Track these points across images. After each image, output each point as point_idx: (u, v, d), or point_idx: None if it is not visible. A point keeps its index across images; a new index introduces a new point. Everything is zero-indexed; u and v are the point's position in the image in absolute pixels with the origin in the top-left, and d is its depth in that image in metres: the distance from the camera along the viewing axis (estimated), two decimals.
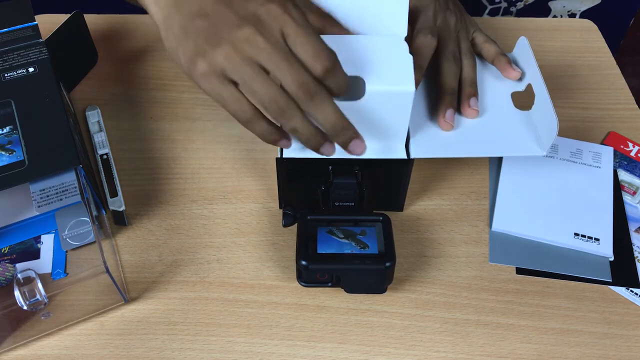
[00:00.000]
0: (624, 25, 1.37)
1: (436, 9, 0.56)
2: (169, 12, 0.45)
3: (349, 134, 0.46)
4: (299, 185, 0.53)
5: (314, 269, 0.47)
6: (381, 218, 0.49)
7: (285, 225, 0.51)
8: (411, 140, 0.51)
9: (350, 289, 0.49)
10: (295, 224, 0.51)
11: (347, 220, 0.49)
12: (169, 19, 0.45)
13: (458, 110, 0.54)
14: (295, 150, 0.49)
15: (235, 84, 0.44)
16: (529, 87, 0.54)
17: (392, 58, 0.48)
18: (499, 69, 0.56)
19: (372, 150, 0.50)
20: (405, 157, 0.50)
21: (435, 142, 0.51)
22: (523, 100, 0.55)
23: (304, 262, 0.46)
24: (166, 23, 0.45)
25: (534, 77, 0.53)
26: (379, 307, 0.50)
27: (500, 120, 0.53)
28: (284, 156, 0.49)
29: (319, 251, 0.47)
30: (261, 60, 0.43)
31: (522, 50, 0.56)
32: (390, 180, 0.52)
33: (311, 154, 0.49)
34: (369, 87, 0.46)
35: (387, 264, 0.46)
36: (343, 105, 0.46)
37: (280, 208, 0.56)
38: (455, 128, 0.53)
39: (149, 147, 0.61)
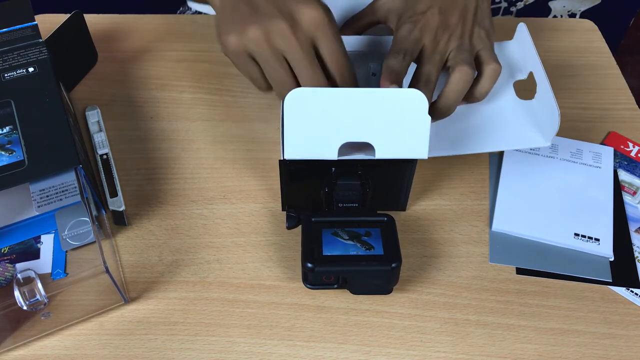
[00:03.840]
0: (624, 25, 1.37)
1: (423, 28, 0.52)
2: None
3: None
4: (301, 187, 0.52)
5: (320, 271, 0.47)
6: (385, 219, 0.49)
7: (289, 228, 0.51)
8: None
9: (356, 291, 0.49)
10: (299, 226, 0.51)
11: (352, 221, 0.49)
12: (224, 1, 0.51)
13: None
14: (298, 152, 0.49)
15: (257, 63, 0.50)
16: (531, 75, 0.54)
17: (408, 117, 0.46)
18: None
19: (377, 151, 0.50)
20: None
21: (439, 141, 0.51)
22: (525, 88, 0.55)
23: (310, 265, 0.46)
24: (222, 3, 0.51)
25: (535, 66, 0.53)
26: (379, 307, 0.50)
27: (503, 113, 0.53)
28: (286, 158, 0.49)
29: (324, 253, 0.47)
30: (287, 53, 0.48)
31: (522, 38, 0.56)
32: (394, 181, 0.52)
33: (314, 156, 0.49)
34: (378, 155, 0.47)
35: (393, 265, 0.46)
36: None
37: (282, 210, 0.56)
38: (457, 123, 0.52)
39: (149, 147, 0.61)
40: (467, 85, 0.51)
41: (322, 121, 0.46)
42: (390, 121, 0.46)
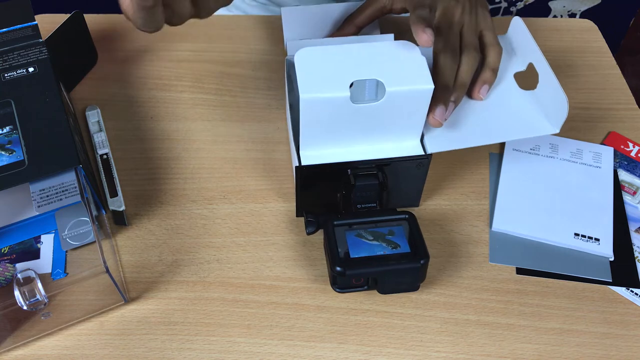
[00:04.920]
0: (624, 25, 1.38)
1: None
2: None
3: None
4: (316, 192, 0.52)
5: (350, 274, 0.46)
6: (407, 216, 0.49)
7: (309, 233, 0.51)
8: (425, 136, 0.51)
9: (385, 290, 0.49)
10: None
11: (374, 221, 0.49)
12: None
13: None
14: (314, 157, 0.49)
15: None
16: (531, 66, 0.54)
17: (406, 60, 0.48)
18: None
19: (389, 150, 0.50)
20: (422, 153, 0.50)
21: (449, 135, 0.51)
22: (526, 80, 0.55)
23: (339, 269, 0.46)
24: None
25: (535, 56, 0.53)
26: (379, 307, 0.50)
27: (508, 104, 0.54)
28: (302, 164, 0.49)
29: (352, 256, 0.47)
30: None
31: (518, 31, 0.56)
32: (408, 178, 0.52)
33: (330, 159, 0.49)
34: (388, 89, 0.46)
35: (422, 261, 0.46)
36: (362, 108, 0.47)
37: (297, 216, 0.55)
38: (464, 116, 0.53)
39: (149, 147, 0.61)
40: (475, 65, 0.53)
41: (330, 69, 0.47)
42: (392, 63, 0.48)
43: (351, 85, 0.47)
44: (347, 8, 0.61)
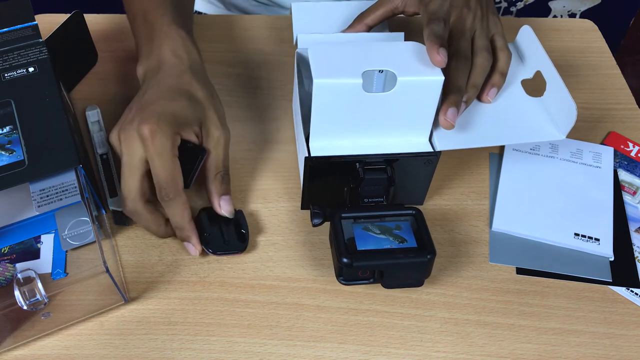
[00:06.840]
0: (624, 25, 1.37)
1: (451, 4, 0.55)
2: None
3: (185, 234, 0.51)
4: (324, 184, 0.53)
5: (357, 266, 0.47)
6: (414, 212, 0.49)
7: (315, 225, 0.51)
8: (434, 134, 0.51)
9: (390, 285, 0.49)
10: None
11: (381, 215, 0.49)
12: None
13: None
14: (323, 149, 0.50)
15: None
16: (538, 74, 0.55)
17: (417, 57, 0.49)
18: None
19: (398, 145, 0.51)
20: (431, 150, 0.50)
21: (457, 135, 0.52)
22: (533, 87, 0.55)
23: (346, 260, 0.46)
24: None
25: (543, 64, 0.54)
26: (379, 307, 0.50)
27: (516, 108, 0.54)
28: (312, 155, 0.49)
29: (359, 248, 0.47)
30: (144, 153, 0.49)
31: (526, 39, 0.57)
32: (416, 175, 0.53)
33: (339, 152, 0.50)
34: (400, 78, 0.47)
35: (429, 256, 0.47)
36: (373, 97, 0.48)
37: (302, 208, 0.56)
38: (472, 118, 0.53)
39: None
40: (487, 68, 0.54)
41: (343, 60, 0.48)
42: (403, 58, 0.49)
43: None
44: (357, 7, 0.61)
